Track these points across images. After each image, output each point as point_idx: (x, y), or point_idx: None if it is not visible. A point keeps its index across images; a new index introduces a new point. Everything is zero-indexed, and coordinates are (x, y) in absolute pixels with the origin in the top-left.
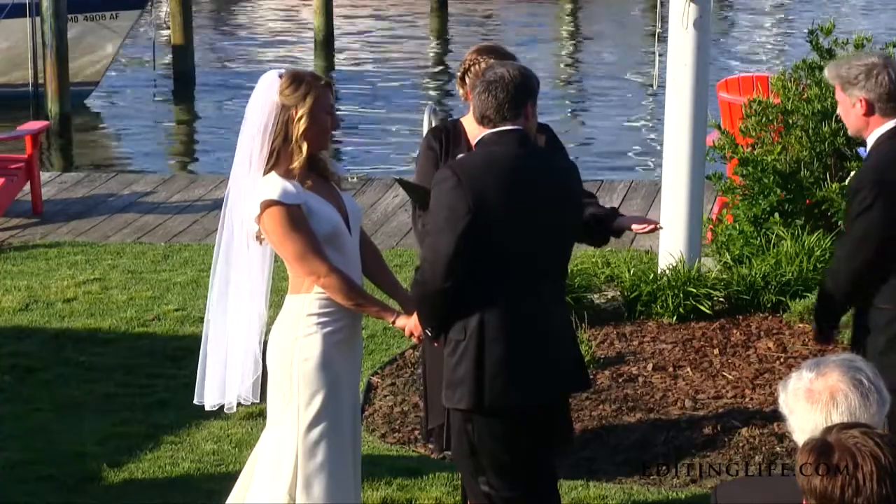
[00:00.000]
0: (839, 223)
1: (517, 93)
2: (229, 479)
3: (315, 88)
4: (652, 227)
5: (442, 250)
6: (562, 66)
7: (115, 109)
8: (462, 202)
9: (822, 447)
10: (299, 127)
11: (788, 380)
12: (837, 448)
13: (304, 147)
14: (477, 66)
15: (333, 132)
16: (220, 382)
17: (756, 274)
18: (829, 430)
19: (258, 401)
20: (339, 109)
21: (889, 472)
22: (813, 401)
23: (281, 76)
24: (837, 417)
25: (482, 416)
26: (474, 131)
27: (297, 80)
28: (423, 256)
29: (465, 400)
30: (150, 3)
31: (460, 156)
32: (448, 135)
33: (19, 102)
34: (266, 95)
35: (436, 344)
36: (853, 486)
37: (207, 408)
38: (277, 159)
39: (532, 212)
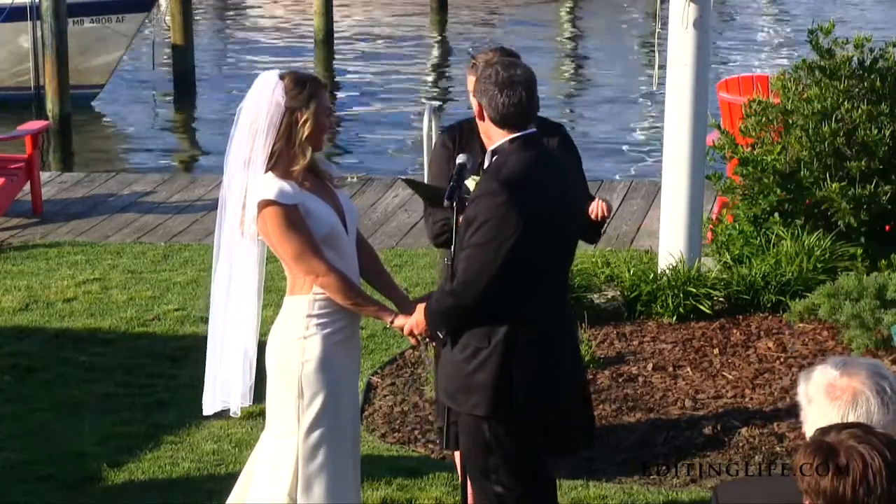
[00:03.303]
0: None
1: (535, 92)
2: (229, 479)
3: (318, 91)
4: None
5: (486, 264)
6: (562, 65)
7: (115, 109)
8: (513, 218)
9: (826, 448)
10: (304, 131)
11: (812, 371)
12: (842, 448)
13: (309, 151)
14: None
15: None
16: (219, 387)
17: (756, 274)
18: (825, 431)
19: (257, 401)
20: (338, 109)
21: None
22: (833, 397)
23: (282, 77)
24: (853, 419)
25: (498, 420)
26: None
27: (300, 83)
28: (464, 268)
29: (482, 406)
30: (156, 6)
31: (495, 164)
32: (462, 133)
33: (20, 105)
34: (266, 96)
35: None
36: (865, 485)
37: (207, 413)
38: (277, 160)
39: (552, 218)
